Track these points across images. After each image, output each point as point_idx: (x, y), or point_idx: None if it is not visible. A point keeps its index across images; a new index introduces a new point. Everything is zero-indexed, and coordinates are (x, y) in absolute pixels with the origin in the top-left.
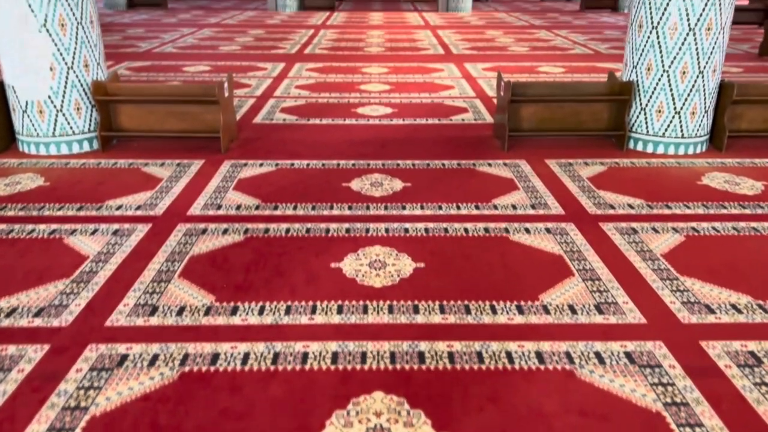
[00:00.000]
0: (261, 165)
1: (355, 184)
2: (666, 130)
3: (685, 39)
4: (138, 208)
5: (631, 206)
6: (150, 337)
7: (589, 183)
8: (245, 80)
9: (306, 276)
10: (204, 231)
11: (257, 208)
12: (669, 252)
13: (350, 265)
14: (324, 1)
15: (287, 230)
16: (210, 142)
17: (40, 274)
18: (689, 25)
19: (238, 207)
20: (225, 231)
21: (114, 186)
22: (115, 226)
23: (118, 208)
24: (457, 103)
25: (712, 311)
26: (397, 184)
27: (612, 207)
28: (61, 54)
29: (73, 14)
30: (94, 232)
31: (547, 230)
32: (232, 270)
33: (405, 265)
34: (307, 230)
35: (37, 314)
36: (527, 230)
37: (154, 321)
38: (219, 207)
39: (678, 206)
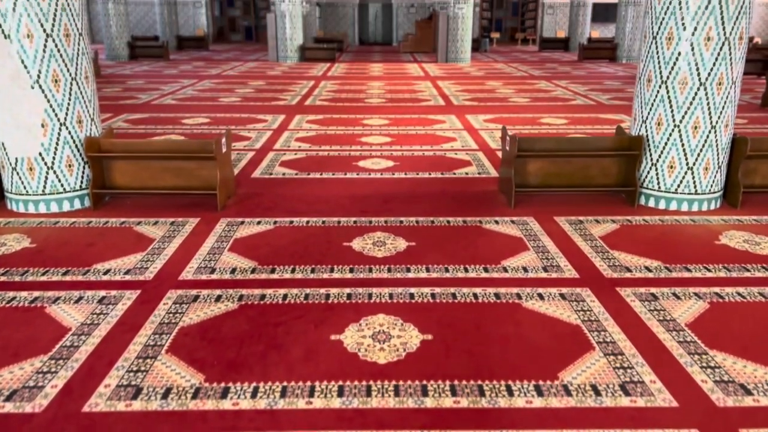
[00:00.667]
0: (258, 223)
1: (357, 244)
2: (679, 186)
3: (696, 93)
4: (127, 272)
5: (648, 269)
6: (131, 425)
7: (602, 242)
8: (245, 133)
9: (304, 350)
10: (196, 298)
11: (253, 271)
12: (694, 321)
13: (352, 338)
14: (325, 52)
15: (284, 296)
16: (206, 199)
17: (16, 350)
18: (700, 79)
19: (233, 270)
20: (218, 298)
21: (103, 247)
22: (102, 293)
23: (106, 272)
24: (460, 156)
25: (749, 392)
26: (401, 244)
27: (628, 270)
28: (53, 110)
29: (68, 70)
30: (78, 300)
31: (562, 296)
32: (225, 343)
33: (411, 337)
34: (306, 296)
35: (8, 398)
36: (541, 296)
37: (137, 405)
38: (213, 271)
39: (698, 269)
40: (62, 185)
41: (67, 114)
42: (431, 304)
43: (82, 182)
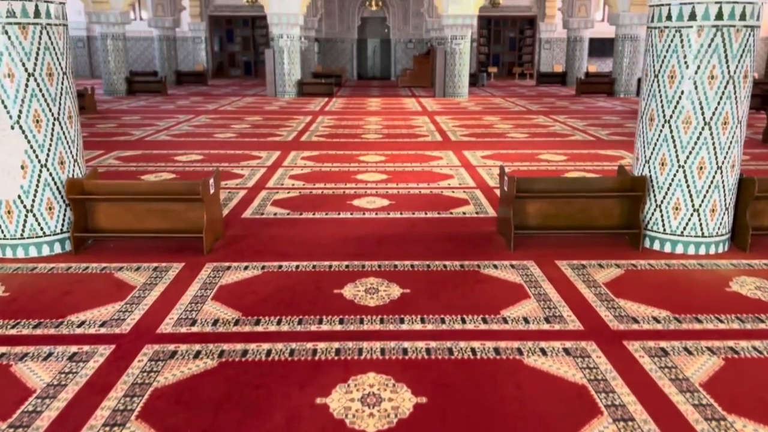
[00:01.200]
0: (246, 268)
1: (348, 291)
2: (685, 228)
3: (700, 133)
4: (103, 324)
5: (656, 320)
6: None
7: (606, 290)
8: (238, 170)
9: (286, 417)
10: (173, 354)
11: (236, 323)
12: (708, 381)
13: (339, 401)
14: (323, 87)
15: (268, 352)
16: (193, 242)
17: None
18: (704, 118)
19: (215, 322)
20: (197, 354)
21: (80, 296)
22: (74, 348)
23: (81, 324)
24: (457, 194)
25: None
26: (395, 291)
27: (636, 321)
28: (34, 151)
29: (50, 110)
30: (47, 357)
31: (566, 351)
32: (200, 408)
33: (404, 400)
34: (291, 352)
35: None
36: (543, 351)
37: None
38: (194, 322)
39: (709, 319)
40: (42, 229)
41: (48, 155)
42: (426, 361)
43: (63, 225)
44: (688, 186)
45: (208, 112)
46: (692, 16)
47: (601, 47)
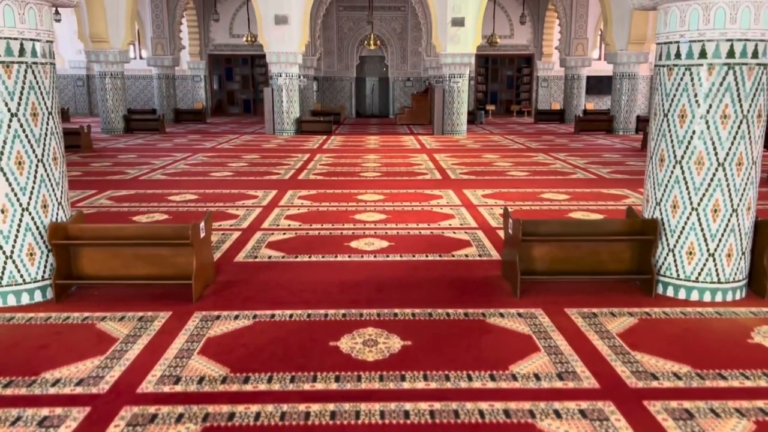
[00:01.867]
0: (236, 318)
1: (345, 343)
2: (699, 274)
3: (714, 175)
4: (79, 382)
5: (677, 376)
6: None
7: (621, 341)
8: (233, 210)
9: None
10: (153, 418)
11: (224, 381)
12: None
13: None
14: (321, 125)
15: (257, 416)
16: (182, 289)
17: None
18: (718, 159)
19: (201, 380)
20: (179, 418)
21: (58, 350)
22: (45, 411)
23: (55, 383)
24: (459, 236)
25: None
26: (395, 343)
27: (655, 377)
28: (15, 195)
29: (33, 151)
30: (15, 421)
31: (582, 413)
32: None
33: None
34: (282, 415)
35: None
36: (557, 413)
37: None
38: (177, 380)
39: (734, 376)
40: (22, 276)
41: (30, 198)
42: (430, 426)
43: (45, 272)
44: (702, 229)
45: (205, 150)
46: (703, 54)
47: (598, 85)
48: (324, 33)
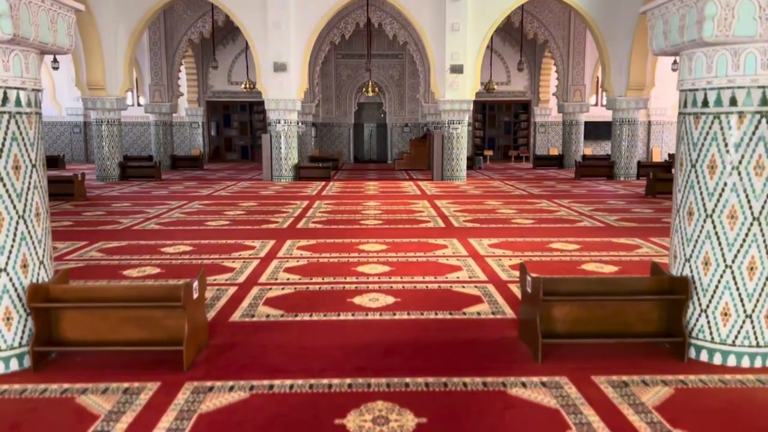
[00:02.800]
0: (231, 389)
1: (353, 421)
2: (736, 337)
3: (749, 229)
4: None
5: None
6: None
7: (660, 416)
8: (229, 263)
9: None
10: None
11: None
12: None
13: None
14: (320, 171)
15: None
16: (172, 355)
17: None
18: (753, 213)
19: None
20: None
21: (31, 431)
22: None
23: None
24: (468, 290)
25: None
26: (409, 421)
27: None
28: None
29: (14, 207)
30: None
31: None
32: None
33: None
34: None
35: None
36: None
37: None
38: None
39: None
40: None
41: (9, 258)
42: None
43: (23, 338)
44: (737, 289)
45: (201, 198)
46: (733, 102)
47: (596, 130)
48: (322, 80)
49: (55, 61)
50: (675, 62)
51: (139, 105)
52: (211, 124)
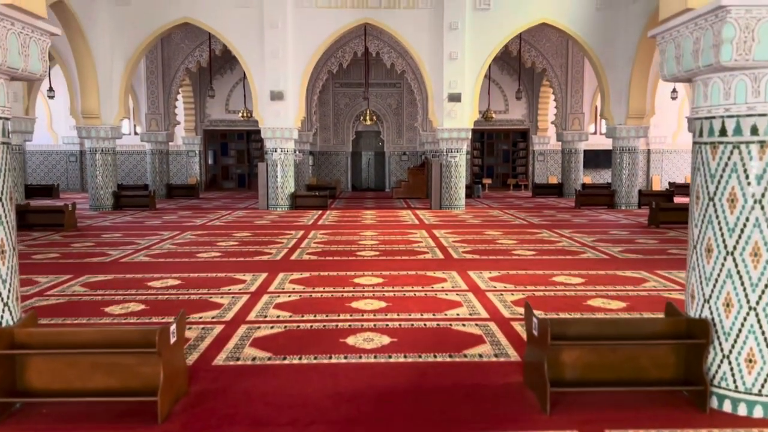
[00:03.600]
0: None
1: None
2: (763, 386)
3: None
4: None
5: None
6: None
7: None
8: (217, 298)
9: None
10: None
11: None
12: None
13: None
14: (317, 200)
15: None
16: (147, 405)
17: None
18: None
19: None
20: None
21: None
22: None
23: None
24: (469, 328)
25: None
26: None
27: None
28: None
29: None
30: None
31: None
32: None
33: None
34: None
35: None
36: None
37: None
38: None
39: None
40: None
41: None
42: None
43: None
44: (763, 333)
45: (194, 228)
46: (754, 131)
47: (595, 159)
48: (320, 108)
49: (51, 90)
50: (674, 90)
51: (135, 134)
52: (208, 152)
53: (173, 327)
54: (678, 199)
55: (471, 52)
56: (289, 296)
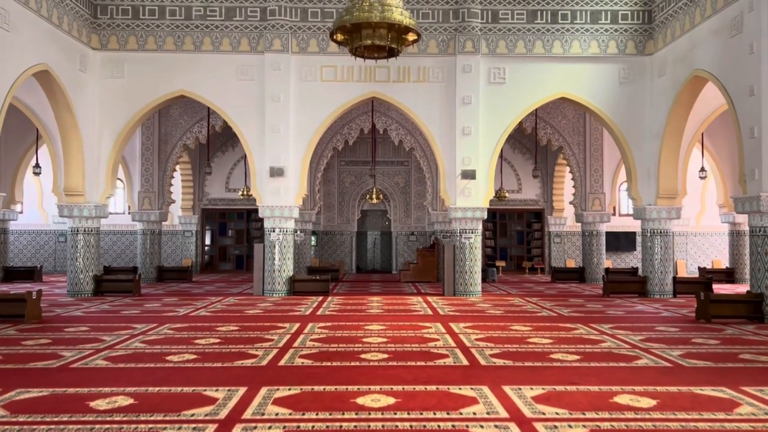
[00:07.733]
0: None
1: None
2: None
3: None
4: None
5: None
6: None
7: None
8: None
9: None
10: None
11: None
12: None
13: None
14: (318, 284)
15: None
16: None
17: None
18: None
19: None
20: None
21: None
22: None
23: None
24: None
25: None
26: None
27: None
28: None
29: None
30: None
31: None
32: None
33: None
34: None
35: None
36: None
37: None
38: None
39: None
40: None
41: None
42: None
43: None
44: None
45: (175, 320)
46: None
47: (615, 241)
48: (324, 187)
49: (37, 166)
50: (702, 169)
51: (128, 213)
52: (206, 232)
53: None
54: (716, 287)
55: (485, 128)
56: (269, 429)
